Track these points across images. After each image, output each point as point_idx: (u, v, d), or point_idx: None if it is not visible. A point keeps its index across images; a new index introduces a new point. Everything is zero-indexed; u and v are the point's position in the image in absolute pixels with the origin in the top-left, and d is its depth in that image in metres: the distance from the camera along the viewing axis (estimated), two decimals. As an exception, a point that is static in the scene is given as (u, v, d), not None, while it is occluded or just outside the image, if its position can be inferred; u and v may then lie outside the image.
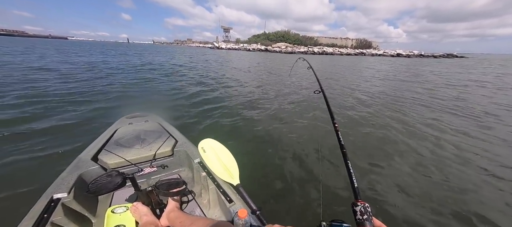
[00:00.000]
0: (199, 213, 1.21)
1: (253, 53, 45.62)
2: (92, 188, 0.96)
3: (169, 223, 1.02)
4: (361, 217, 0.62)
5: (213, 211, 1.20)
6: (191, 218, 0.97)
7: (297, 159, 2.55)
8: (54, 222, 0.92)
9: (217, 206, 1.19)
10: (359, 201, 0.68)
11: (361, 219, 0.62)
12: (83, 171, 1.23)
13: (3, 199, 1.63)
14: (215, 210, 1.20)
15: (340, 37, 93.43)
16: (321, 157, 2.61)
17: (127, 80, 6.46)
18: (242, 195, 1.10)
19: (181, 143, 1.60)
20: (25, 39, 71.35)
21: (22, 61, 9.33)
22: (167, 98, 4.90)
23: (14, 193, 1.69)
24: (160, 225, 1.02)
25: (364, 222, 0.61)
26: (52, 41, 62.51)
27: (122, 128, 1.80)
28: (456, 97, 6.35)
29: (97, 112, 3.50)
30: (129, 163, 1.37)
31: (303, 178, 2.19)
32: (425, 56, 57.79)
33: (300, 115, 4.27)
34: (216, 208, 1.20)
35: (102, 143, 1.52)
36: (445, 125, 3.90)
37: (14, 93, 4.13)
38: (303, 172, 2.30)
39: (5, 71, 6.45)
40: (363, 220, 0.62)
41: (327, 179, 2.18)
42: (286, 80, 8.52)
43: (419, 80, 9.86)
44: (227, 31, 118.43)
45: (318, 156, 2.61)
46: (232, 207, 1.04)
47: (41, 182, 1.73)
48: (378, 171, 2.39)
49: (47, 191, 1.05)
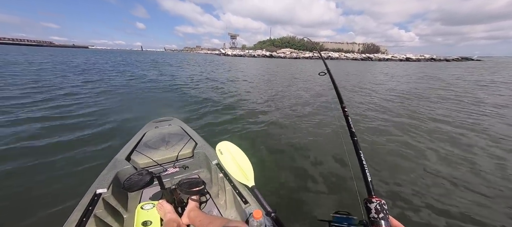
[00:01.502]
0: (216, 213, 1.26)
1: (258, 59, 46.10)
2: (126, 185, 1.07)
3: (189, 222, 1.09)
4: (377, 215, 0.55)
5: (229, 211, 1.25)
6: (209, 217, 1.02)
7: (312, 161, 2.52)
8: (96, 214, 1.03)
9: (233, 207, 1.24)
10: (373, 197, 0.61)
11: (376, 217, 0.55)
12: (119, 170, 1.36)
13: (54, 193, 1.85)
14: (231, 210, 1.24)
15: (346, 42, 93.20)
16: (338, 159, 2.56)
17: (150, 89, 6.98)
18: (257, 196, 1.11)
19: (200, 145, 1.70)
20: (54, 49, 75.56)
21: (65, 73, 9.95)
22: (184, 104, 5.25)
23: (62, 187, 1.93)
24: (181, 223, 1.07)
25: (379, 222, 0.54)
26: (77, 51, 66.60)
27: (150, 131, 1.95)
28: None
29: (129, 117, 3.91)
30: (155, 163, 1.48)
31: (318, 180, 2.15)
32: (436, 60, 56.07)
33: (314, 117, 4.26)
34: (232, 209, 1.24)
35: (133, 145, 1.67)
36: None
37: (62, 105, 4.55)
38: (318, 174, 2.26)
39: (51, 82, 6.87)
40: (379, 219, 0.54)
41: (345, 181, 2.12)
42: (297, 85, 8.52)
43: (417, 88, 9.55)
44: (234, 37, 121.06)
45: (333, 158, 2.59)
46: (247, 208, 1.07)
47: (84, 178, 1.89)
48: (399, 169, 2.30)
49: (91, 186, 1.18)
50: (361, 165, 0.68)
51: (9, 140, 2.71)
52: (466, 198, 1.93)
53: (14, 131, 3.00)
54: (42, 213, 1.60)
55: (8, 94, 5.02)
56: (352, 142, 0.73)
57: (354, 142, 0.72)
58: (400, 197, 1.92)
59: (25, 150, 2.52)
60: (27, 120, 3.45)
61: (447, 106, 5.28)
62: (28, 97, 4.88)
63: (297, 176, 2.23)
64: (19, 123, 3.31)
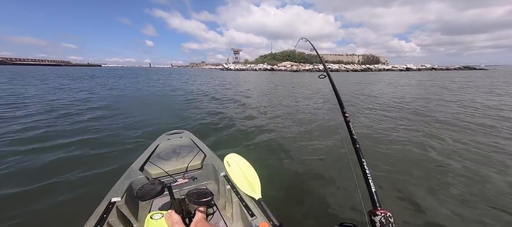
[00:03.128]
0: (222, 225, 1.27)
1: (259, 72, 46.85)
2: (139, 194, 1.10)
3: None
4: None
5: (235, 224, 1.25)
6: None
7: (318, 172, 2.49)
8: (109, 222, 1.06)
9: (240, 219, 1.25)
10: (378, 209, 0.57)
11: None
12: (133, 179, 1.42)
13: (72, 200, 1.97)
14: (238, 223, 1.25)
15: (346, 54, 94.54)
16: (344, 169, 2.51)
17: (164, 104, 7.25)
18: (263, 209, 1.11)
19: (209, 157, 1.74)
20: (72, 68, 78.50)
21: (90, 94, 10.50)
22: (192, 117, 5.38)
23: (77, 196, 2.05)
24: None
25: None
26: (91, 69, 70.17)
27: (163, 142, 2.01)
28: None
29: (145, 130, 4.12)
30: (166, 174, 1.52)
31: (324, 192, 2.12)
32: (437, 70, 56.17)
33: (318, 128, 4.24)
34: (239, 221, 1.25)
35: (147, 155, 1.74)
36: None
37: (87, 119, 4.85)
38: (324, 185, 2.23)
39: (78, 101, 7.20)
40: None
41: (351, 192, 2.07)
42: (300, 96, 8.52)
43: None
44: (237, 52, 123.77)
45: (340, 168, 2.56)
46: (253, 220, 1.07)
47: (99, 187, 2.05)
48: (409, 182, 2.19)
49: (107, 194, 1.24)
50: (364, 174, 0.65)
51: (37, 148, 3.01)
52: (485, 215, 1.81)
53: (44, 142, 3.26)
54: (62, 219, 1.72)
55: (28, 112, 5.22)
56: (354, 149, 0.70)
57: (356, 149, 0.69)
58: (410, 210, 1.84)
59: (54, 156, 2.78)
60: (58, 134, 3.63)
61: (458, 112, 5.22)
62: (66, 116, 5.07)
63: (303, 188, 2.20)
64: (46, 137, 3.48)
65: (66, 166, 2.56)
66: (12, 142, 3.23)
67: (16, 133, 3.61)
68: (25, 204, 1.89)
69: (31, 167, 2.53)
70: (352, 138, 0.73)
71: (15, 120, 4.48)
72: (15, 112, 5.08)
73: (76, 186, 2.16)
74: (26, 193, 2.03)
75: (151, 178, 1.47)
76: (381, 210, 0.56)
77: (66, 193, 2.04)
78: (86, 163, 2.64)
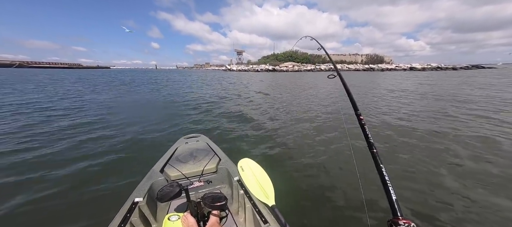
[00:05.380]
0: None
1: (261, 73, 46.81)
2: (159, 195, 1.14)
3: None
4: (404, 241, 0.49)
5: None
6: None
7: (334, 182, 2.38)
8: (132, 222, 1.12)
9: (252, 225, 1.23)
10: (400, 219, 0.53)
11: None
12: (153, 181, 1.47)
13: (98, 201, 2.07)
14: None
15: (349, 54, 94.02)
16: (359, 176, 2.43)
17: (180, 110, 7.23)
18: (277, 216, 1.08)
19: (224, 161, 1.75)
20: (83, 70, 78.95)
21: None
22: (206, 121, 5.37)
23: (104, 194, 2.17)
24: None
25: None
26: (101, 71, 72.40)
27: (181, 146, 2.07)
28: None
29: (166, 133, 4.22)
30: (184, 176, 1.56)
31: (341, 203, 2.02)
32: (442, 69, 54.98)
33: (330, 132, 4.11)
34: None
35: (167, 158, 1.79)
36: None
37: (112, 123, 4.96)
38: (342, 196, 2.11)
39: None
40: None
41: (370, 204, 1.95)
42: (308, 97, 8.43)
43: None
44: (240, 53, 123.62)
45: (357, 178, 2.42)
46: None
47: (122, 187, 2.25)
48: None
49: (131, 195, 1.30)
50: (383, 180, 0.60)
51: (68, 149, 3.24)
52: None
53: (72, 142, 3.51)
54: (89, 218, 1.81)
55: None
56: (371, 154, 0.65)
57: (373, 154, 0.64)
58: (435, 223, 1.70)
59: (82, 157, 2.95)
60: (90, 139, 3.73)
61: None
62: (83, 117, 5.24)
63: (320, 195, 2.13)
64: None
65: (99, 166, 2.75)
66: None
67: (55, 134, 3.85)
68: (65, 195, 2.12)
69: (79, 164, 2.75)
70: (369, 142, 0.67)
71: (61, 121, 4.66)
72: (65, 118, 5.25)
73: (103, 184, 2.31)
74: (71, 185, 2.28)
75: (170, 179, 1.52)
76: (403, 220, 0.52)
77: (97, 188, 2.23)
78: (116, 165, 2.81)
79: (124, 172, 2.55)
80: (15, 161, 2.78)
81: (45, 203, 1.99)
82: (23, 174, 2.46)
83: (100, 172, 2.58)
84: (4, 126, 4.26)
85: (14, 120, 4.74)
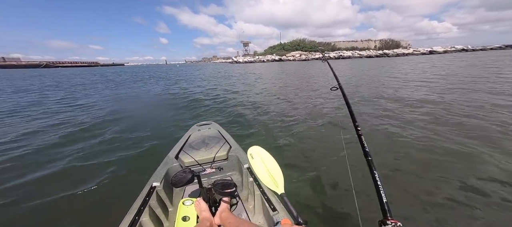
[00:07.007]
0: (245, 217, 1.29)
1: (268, 63, 46.00)
2: (173, 181, 1.18)
3: (220, 222, 1.14)
4: (392, 238, 0.54)
5: (257, 217, 1.26)
6: (238, 220, 1.06)
7: (345, 174, 2.24)
8: (150, 205, 1.18)
9: (261, 212, 1.24)
10: (389, 219, 0.60)
11: (391, 240, 0.54)
12: (169, 167, 1.53)
13: (122, 184, 2.26)
14: (259, 216, 1.25)
15: (361, 40, 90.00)
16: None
17: (193, 99, 7.61)
18: (286, 205, 1.09)
19: (234, 148, 1.78)
20: (100, 68, 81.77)
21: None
22: (215, 110, 5.69)
23: (125, 180, 2.37)
24: (213, 223, 1.14)
25: None
26: (117, 68, 74.95)
27: (194, 133, 2.14)
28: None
29: (179, 121, 4.60)
30: (196, 163, 1.62)
31: (350, 195, 1.93)
32: (468, 51, 49.86)
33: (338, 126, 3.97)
34: (260, 215, 1.25)
35: (181, 144, 1.86)
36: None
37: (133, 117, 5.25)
38: (351, 188, 2.00)
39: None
40: None
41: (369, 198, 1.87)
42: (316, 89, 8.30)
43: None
44: (246, 45, 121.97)
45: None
46: (275, 215, 1.06)
47: (141, 172, 2.35)
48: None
49: (149, 180, 1.37)
50: (376, 185, 0.67)
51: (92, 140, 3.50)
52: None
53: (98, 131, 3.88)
54: (114, 202, 1.95)
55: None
56: (366, 162, 0.72)
57: (368, 162, 0.71)
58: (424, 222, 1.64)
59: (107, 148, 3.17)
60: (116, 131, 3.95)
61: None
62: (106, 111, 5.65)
63: (331, 188, 2.07)
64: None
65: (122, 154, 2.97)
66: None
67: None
68: (92, 178, 2.32)
69: (107, 154, 2.98)
70: (364, 150, 0.75)
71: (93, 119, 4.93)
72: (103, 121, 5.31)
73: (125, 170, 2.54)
74: (98, 170, 2.49)
75: (184, 165, 1.59)
76: (391, 220, 0.60)
77: (121, 174, 2.43)
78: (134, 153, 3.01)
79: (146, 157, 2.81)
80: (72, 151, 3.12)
81: (100, 187, 2.20)
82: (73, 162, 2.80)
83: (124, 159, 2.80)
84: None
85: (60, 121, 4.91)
